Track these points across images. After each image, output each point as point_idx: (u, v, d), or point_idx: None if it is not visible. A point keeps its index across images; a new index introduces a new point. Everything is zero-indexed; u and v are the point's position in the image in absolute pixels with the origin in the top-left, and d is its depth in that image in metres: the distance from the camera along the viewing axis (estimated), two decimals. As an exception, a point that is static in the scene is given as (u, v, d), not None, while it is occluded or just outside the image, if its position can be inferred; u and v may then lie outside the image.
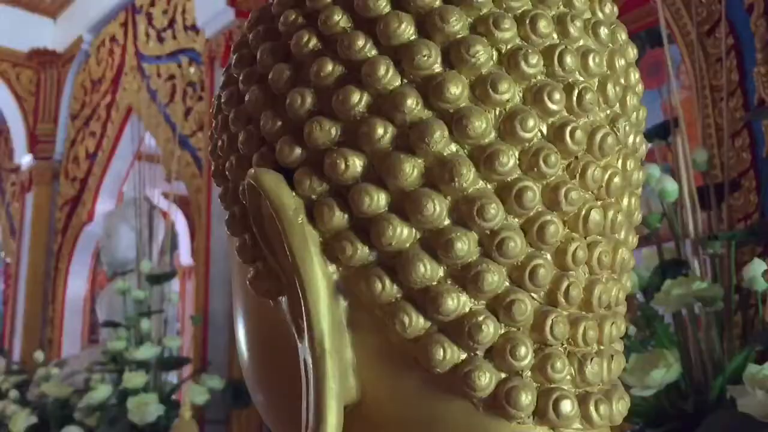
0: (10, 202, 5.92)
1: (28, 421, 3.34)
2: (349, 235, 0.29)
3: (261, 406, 0.36)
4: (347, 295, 0.29)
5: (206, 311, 3.49)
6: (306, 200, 0.30)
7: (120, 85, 4.75)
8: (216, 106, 0.37)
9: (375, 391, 0.29)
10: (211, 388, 2.95)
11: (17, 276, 5.37)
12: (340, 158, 0.29)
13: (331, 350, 0.28)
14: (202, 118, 3.86)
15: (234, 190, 0.34)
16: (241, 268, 0.34)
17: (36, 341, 4.92)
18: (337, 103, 0.29)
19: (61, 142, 5.29)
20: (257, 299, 0.33)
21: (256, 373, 0.35)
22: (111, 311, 3.73)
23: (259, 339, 0.34)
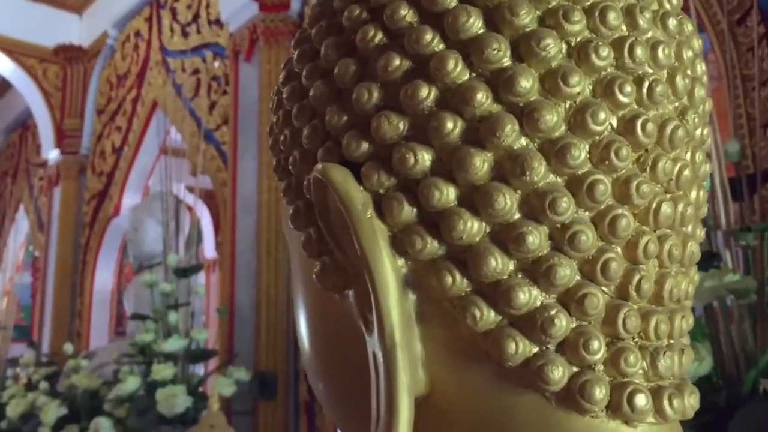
0: (38, 197, 6.00)
1: (59, 413, 3.39)
2: (419, 229, 0.29)
3: (322, 394, 0.36)
4: (416, 288, 0.30)
5: (232, 304, 3.52)
6: (373, 194, 0.30)
7: (145, 79, 4.79)
8: (276, 101, 0.37)
9: (444, 384, 0.30)
10: (237, 379, 2.98)
11: (46, 269, 5.45)
12: (409, 152, 0.29)
13: (401, 343, 0.29)
14: (227, 112, 3.88)
15: (298, 185, 0.34)
16: (303, 261, 0.35)
17: (64, 333, 4.99)
18: (406, 98, 0.29)
19: (88, 136, 5.35)
20: (321, 292, 0.33)
21: (318, 363, 0.35)
22: (138, 304, 3.77)
23: (322, 331, 0.35)
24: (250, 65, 3.67)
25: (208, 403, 2.93)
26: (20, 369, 4.62)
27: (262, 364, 3.25)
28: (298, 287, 0.36)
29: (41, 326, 5.35)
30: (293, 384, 3.21)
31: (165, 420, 2.88)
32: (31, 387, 3.91)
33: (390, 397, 0.28)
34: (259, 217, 3.44)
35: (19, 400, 3.81)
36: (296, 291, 0.37)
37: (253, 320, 3.35)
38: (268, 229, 3.40)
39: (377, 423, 0.29)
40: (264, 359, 3.26)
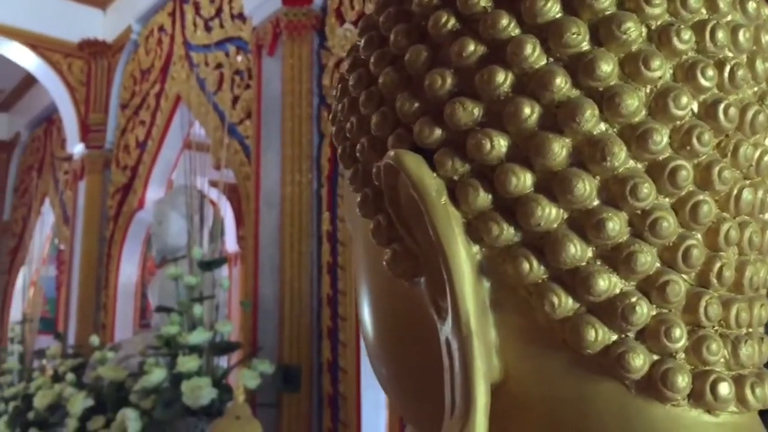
0: (63, 191, 6.06)
1: (85, 404, 3.43)
2: (494, 216, 0.29)
3: (384, 378, 0.36)
4: (490, 275, 0.29)
5: (255, 297, 3.53)
6: (447, 181, 0.30)
7: (168, 74, 4.82)
8: (340, 89, 0.37)
9: (519, 371, 0.29)
10: (262, 372, 2.99)
11: (71, 262, 5.51)
12: (485, 138, 0.29)
13: (477, 331, 0.28)
14: (250, 106, 3.90)
15: (365, 172, 0.34)
16: (370, 248, 0.35)
17: (90, 326, 5.05)
18: (481, 83, 0.29)
19: (112, 131, 5.40)
20: (389, 279, 0.33)
21: (383, 348, 0.35)
22: (163, 296, 3.81)
23: (389, 317, 0.35)
24: (273, 59, 3.68)
25: (233, 395, 2.95)
26: (46, 361, 4.69)
27: (285, 356, 3.26)
28: (362, 274, 0.37)
29: (67, 318, 5.42)
30: (317, 377, 3.22)
31: (190, 411, 2.91)
32: (58, 378, 3.96)
33: (467, 383, 0.28)
34: (282, 211, 3.45)
35: (46, 391, 3.86)
36: (360, 277, 0.37)
37: (277, 313, 3.36)
38: (291, 223, 3.41)
39: (452, 409, 0.29)
40: (288, 352, 3.27)
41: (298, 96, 3.50)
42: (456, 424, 0.28)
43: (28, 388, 4.13)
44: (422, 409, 0.34)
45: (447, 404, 0.29)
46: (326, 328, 3.24)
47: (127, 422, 2.97)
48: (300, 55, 3.55)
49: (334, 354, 3.18)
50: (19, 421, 4.01)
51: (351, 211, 0.37)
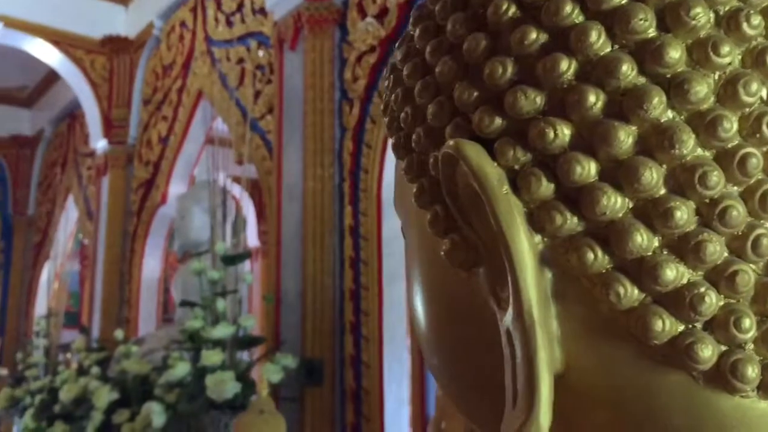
0: (86, 186, 6.13)
1: (110, 397, 3.46)
2: (557, 205, 0.29)
3: (437, 369, 0.37)
4: (552, 265, 0.29)
5: (278, 291, 3.55)
6: (508, 170, 0.29)
7: (190, 69, 4.85)
8: (393, 79, 0.37)
9: (582, 362, 0.29)
10: (285, 366, 3.00)
11: (95, 257, 5.57)
12: (548, 127, 0.28)
13: (539, 321, 0.28)
14: (272, 101, 3.90)
15: (421, 163, 0.34)
16: (425, 239, 0.35)
17: (114, 320, 5.10)
18: (543, 72, 0.29)
19: (135, 126, 5.44)
20: (445, 269, 0.33)
21: (436, 339, 0.36)
22: (186, 291, 3.83)
23: (445, 308, 0.35)
24: (295, 53, 3.68)
25: (256, 388, 2.96)
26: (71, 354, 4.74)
27: (308, 351, 3.27)
28: (414, 264, 0.37)
29: (91, 313, 5.48)
30: (339, 371, 3.23)
31: (214, 405, 2.92)
32: (83, 372, 4.00)
33: (530, 374, 0.28)
34: (304, 205, 3.46)
35: (71, 384, 3.90)
36: (412, 268, 0.37)
37: (299, 308, 3.37)
38: (313, 217, 3.41)
39: (514, 400, 0.29)
40: (310, 346, 3.28)
41: (319, 90, 3.51)
42: (519, 414, 0.28)
43: (53, 382, 4.18)
44: (477, 399, 0.34)
45: (508, 395, 0.29)
46: (349, 322, 3.25)
47: (151, 415, 2.99)
48: (321, 50, 3.55)
49: (357, 348, 3.18)
50: (46, 414, 4.06)
51: (403, 201, 0.37)
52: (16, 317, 7.34)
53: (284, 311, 3.48)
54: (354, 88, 3.43)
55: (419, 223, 0.35)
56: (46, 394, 4.15)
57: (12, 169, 7.71)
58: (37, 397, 4.22)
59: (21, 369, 4.85)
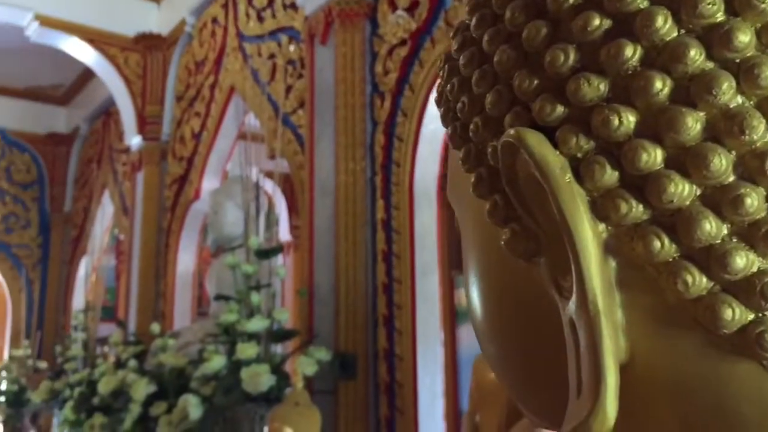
0: (122, 182, 6.22)
1: (148, 389, 3.51)
2: (622, 193, 0.28)
3: (493, 357, 0.37)
4: (616, 254, 0.29)
5: (311, 285, 3.56)
6: (570, 159, 0.29)
7: (222, 65, 4.88)
8: (448, 69, 0.37)
9: (647, 351, 0.29)
10: (319, 359, 3.02)
11: (131, 252, 5.65)
12: (612, 114, 0.28)
13: (604, 310, 0.28)
14: (303, 96, 3.92)
15: (479, 152, 0.34)
16: (481, 229, 0.35)
17: (149, 314, 5.17)
18: (608, 58, 0.28)
19: (168, 122, 5.50)
20: (504, 259, 0.33)
21: (495, 329, 0.36)
22: (220, 285, 3.87)
23: (503, 297, 0.35)
24: (326, 48, 3.68)
25: (290, 381, 2.99)
26: (108, 348, 4.83)
27: (341, 344, 3.29)
28: (471, 254, 0.37)
29: (127, 307, 5.56)
30: (373, 364, 3.24)
31: (250, 398, 2.95)
32: (121, 365, 4.07)
33: (596, 364, 0.28)
34: (336, 199, 3.47)
35: (109, 377, 3.97)
36: (469, 257, 0.37)
37: (332, 301, 3.39)
38: (345, 211, 3.42)
39: (578, 390, 0.29)
40: (343, 340, 3.29)
41: (351, 84, 3.51)
42: (584, 404, 0.28)
43: (92, 374, 4.26)
44: (534, 388, 0.35)
45: (572, 384, 0.29)
46: (382, 316, 3.25)
47: (188, 408, 3.03)
48: (352, 43, 3.56)
49: (390, 342, 3.19)
50: (84, 406, 4.14)
51: (458, 191, 0.37)
52: (55, 312, 7.49)
53: (317, 305, 3.50)
54: (385, 81, 3.43)
55: (476, 213, 0.35)
56: (85, 387, 4.23)
57: (49, 167, 7.86)
58: (76, 390, 4.30)
59: (60, 362, 4.95)
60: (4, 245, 7.52)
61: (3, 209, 7.60)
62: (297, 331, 3.34)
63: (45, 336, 7.09)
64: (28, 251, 7.63)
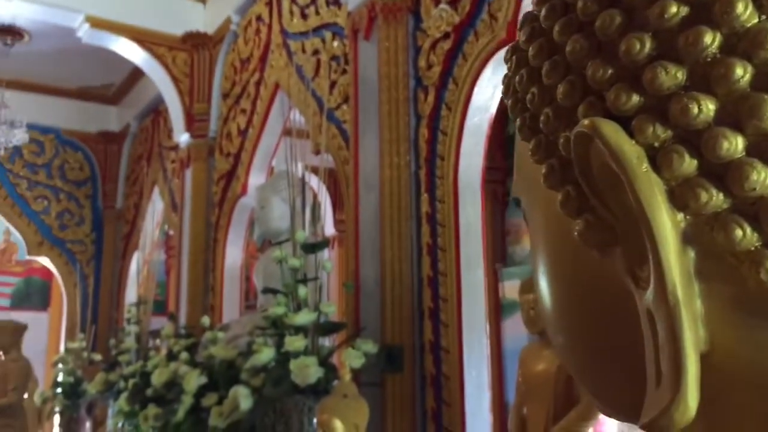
0: (171, 178, 6.35)
1: (199, 381, 3.58)
2: (702, 182, 0.28)
3: (563, 348, 0.37)
4: (696, 243, 0.29)
5: (357, 278, 3.60)
6: (647, 148, 0.29)
7: (267, 62, 4.95)
8: (516, 60, 0.37)
9: (727, 341, 0.29)
10: (365, 352, 3.05)
11: (180, 247, 5.77)
12: (691, 102, 0.28)
13: (684, 300, 0.28)
14: (347, 91, 3.95)
15: (549, 143, 0.33)
16: (553, 220, 0.35)
17: (199, 307, 5.28)
18: (686, 45, 0.28)
19: (215, 120, 5.60)
20: (577, 250, 0.33)
21: (566, 320, 0.36)
22: (267, 279, 3.93)
23: (575, 288, 0.35)
24: (369, 43, 3.71)
25: (338, 373, 3.02)
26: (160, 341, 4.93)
27: (388, 337, 3.31)
28: (541, 245, 0.37)
29: (178, 300, 5.68)
30: (419, 357, 3.26)
31: (298, 389, 3.00)
32: (172, 357, 4.16)
33: (676, 354, 0.28)
34: (381, 193, 3.49)
35: (162, 369, 4.06)
36: (538, 249, 0.37)
37: (378, 294, 3.41)
38: (390, 205, 3.44)
39: (657, 380, 0.29)
40: (390, 332, 3.32)
41: (394, 79, 3.52)
42: (664, 395, 0.28)
43: (145, 367, 4.35)
44: (605, 378, 0.34)
45: (650, 375, 0.29)
46: (427, 308, 3.27)
47: (239, 399, 3.09)
48: (395, 38, 3.57)
49: (436, 334, 3.20)
50: (138, 397, 4.24)
51: (527, 182, 0.37)
52: (108, 305, 7.69)
53: (363, 298, 3.54)
54: (428, 75, 3.43)
55: (547, 204, 0.35)
56: (139, 379, 4.33)
57: (101, 164, 8.07)
58: (130, 382, 4.41)
59: (114, 355, 5.07)
60: (59, 241, 7.76)
61: (58, 206, 7.83)
62: (344, 324, 3.38)
63: (99, 329, 7.28)
64: (82, 247, 7.85)
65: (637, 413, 0.30)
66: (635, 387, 0.31)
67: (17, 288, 10.05)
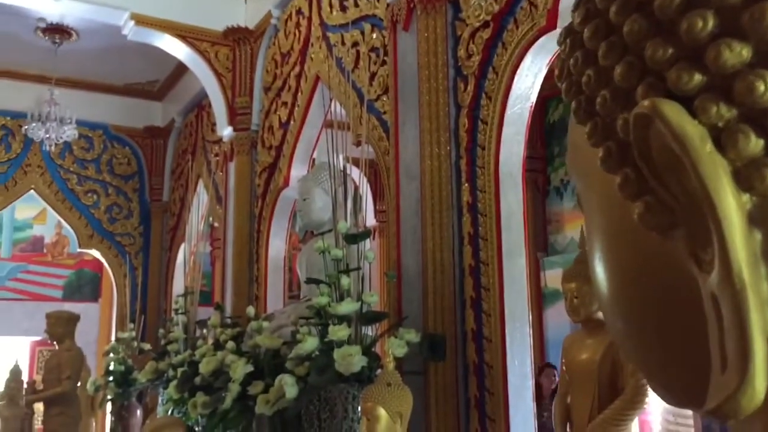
0: (215, 171, 6.45)
1: (246, 369, 3.66)
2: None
3: (620, 333, 0.36)
4: (762, 225, 0.28)
5: (399, 268, 3.62)
6: (710, 128, 0.28)
7: (307, 55, 4.99)
8: (570, 42, 0.36)
9: None
10: (408, 341, 3.08)
11: (225, 239, 5.87)
12: (758, 80, 0.27)
13: (750, 283, 0.27)
14: (387, 82, 3.97)
15: (606, 126, 0.33)
16: (609, 203, 0.34)
17: (244, 297, 5.37)
18: (752, 22, 0.27)
19: (257, 113, 5.67)
20: (635, 233, 0.32)
21: (623, 303, 0.35)
22: (311, 269, 3.98)
23: (634, 272, 0.34)
24: (408, 34, 3.71)
25: (381, 362, 3.06)
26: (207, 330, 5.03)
27: (430, 326, 3.34)
28: (596, 229, 0.36)
29: (223, 291, 5.79)
30: (462, 345, 3.27)
31: (342, 378, 3.04)
32: (219, 346, 4.24)
33: (742, 339, 0.27)
34: (422, 184, 3.51)
35: (209, 358, 4.14)
36: (593, 233, 0.36)
37: (420, 284, 3.44)
38: (431, 195, 3.45)
39: (723, 364, 0.28)
40: (432, 321, 3.34)
41: (434, 69, 3.53)
42: (730, 379, 0.27)
43: (193, 356, 4.44)
44: (664, 362, 0.34)
45: (714, 360, 0.29)
46: (469, 298, 3.28)
47: (285, 387, 3.15)
48: (435, 28, 3.57)
49: (478, 323, 3.22)
50: (187, 385, 4.34)
51: (582, 166, 0.37)
52: (157, 296, 7.87)
53: (405, 288, 3.56)
54: (468, 65, 3.43)
55: (603, 187, 0.34)
56: (187, 367, 4.42)
57: (147, 159, 8.24)
58: (179, 370, 4.50)
59: (163, 344, 5.18)
60: (109, 234, 7.96)
61: (107, 200, 8.03)
62: (386, 314, 3.41)
63: (148, 319, 7.44)
64: (130, 240, 8.05)
65: (696, 397, 0.29)
66: (694, 371, 0.30)
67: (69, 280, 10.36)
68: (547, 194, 5.90)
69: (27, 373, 8.30)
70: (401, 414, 2.49)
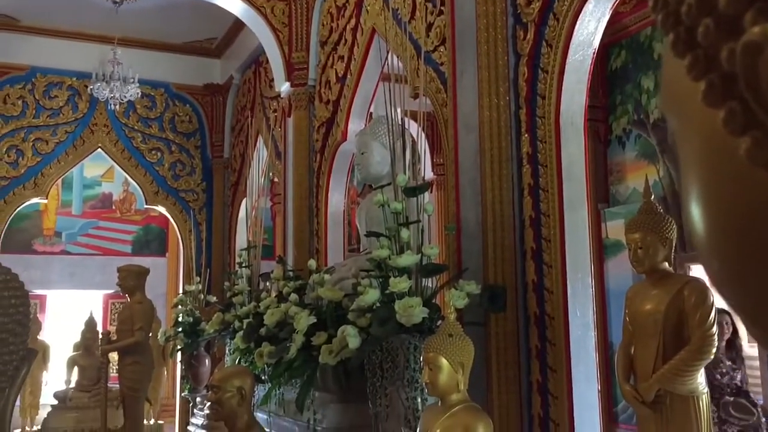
0: (273, 127, 6.52)
1: (309, 321, 3.75)
2: None
3: (718, 274, 0.35)
4: None
5: (458, 220, 3.63)
6: None
7: (363, 8, 4.94)
8: None
9: None
10: (468, 292, 3.10)
11: (285, 194, 5.96)
12: None
13: None
14: (444, 32, 3.91)
15: (709, 57, 0.31)
16: (708, 140, 0.33)
17: (305, 251, 5.47)
18: None
19: (313, 68, 5.68)
20: (738, 170, 0.31)
21: (721, 243, 0.34)
22: (370, 222, 4.02)
23: (734, 210, 0.33)
24: (466, -18, 3.64)
25: (442, 313, 3.09)
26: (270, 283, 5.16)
27: (490, 278, 3.34)
28: (693, 168, 0.35)
29: (285, 245, 5.91)
30: (522, 297, 3.28)
31: (404, 329, 3.09)
32: (282, 299, 4.35)
33: None
34: (480, 135, 3.48)
35: (273, 310, 4.26)
36: (689, 172, 0.35)
37: (480, 236, 3.44)
38: (490, 147, 3.42)
39: None
40: (492, 273, 3.35)
41: (492, 17, 3.46)
42: None
43: (257, 308, 4.57)
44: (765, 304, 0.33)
45: None
46: (530, 249, 3.27)
47: (347, 338, 3.22)
48: (493, -25, 3.48)
49: (539, 275, 3.21)
50: (253, 336, 4.47)
51: (678, 103, 0.35)
52: (221, 250, 8.09)
53: (465, 240, 3.57)
54: (527, 12, 3.35)
55: (704, 124, 0.32)
56: (252, 319, 4.56)
57: (208, 116, 8.38)
58: (245, 322, 4.65)
59: (228, 296, 5.34)
60: (173, 191, 8.18)
61: (170, 158, 8.23)
62: (446, 266, 3.43)
63: (213, 272, 7.68)
64: (194, 196, 8.25)
65: None
66: None
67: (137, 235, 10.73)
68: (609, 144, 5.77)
69: (101, 324, 8.69)
70: (463, 364, 2.52)
